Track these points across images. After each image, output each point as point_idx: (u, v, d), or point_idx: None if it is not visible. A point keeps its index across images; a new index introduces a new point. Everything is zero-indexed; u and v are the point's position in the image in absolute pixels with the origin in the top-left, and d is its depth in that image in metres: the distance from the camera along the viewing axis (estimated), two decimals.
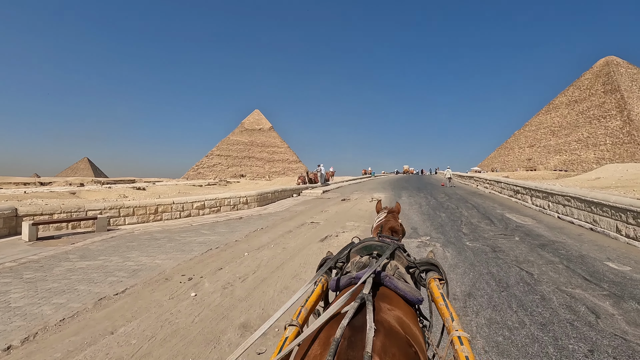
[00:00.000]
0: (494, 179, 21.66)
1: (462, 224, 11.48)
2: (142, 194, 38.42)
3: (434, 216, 13.22)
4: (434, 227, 11.15)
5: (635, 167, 32.70)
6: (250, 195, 17.99)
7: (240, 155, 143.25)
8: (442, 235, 9.87)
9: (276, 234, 10.96)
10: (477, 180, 27.37)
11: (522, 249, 8.07)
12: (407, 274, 2.08)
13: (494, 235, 9.70)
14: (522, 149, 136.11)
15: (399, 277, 1.94)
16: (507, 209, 14.35)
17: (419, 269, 2.19)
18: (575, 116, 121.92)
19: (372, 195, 23.17)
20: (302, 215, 15.07)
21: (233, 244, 9.54)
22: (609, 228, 8.83)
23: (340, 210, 16.20)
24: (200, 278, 6.66)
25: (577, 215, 10.45)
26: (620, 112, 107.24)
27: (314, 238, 10.14)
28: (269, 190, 20.13)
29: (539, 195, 13.57)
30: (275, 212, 16.31)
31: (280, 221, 13.55)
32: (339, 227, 11.69)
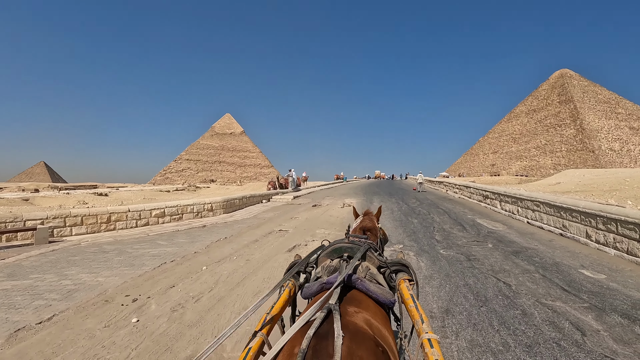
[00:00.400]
0: (463, 184, 21.91)
1: (435, 230, 11.20)
2: (103, 200, 36.07)
3: (406, 222, 12.91)
4: (407, 234, 10.79)
5: (590, 173, 34.67)
6: (215, 202, 16.98)
7: (211, 160, 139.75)
8: (415, 243, 9.50)
9: (240, 243, 10.16)
10: (446, 185, 27.72)
11: (497, 257, 7.80)
12: (379, 274, 2.03)
13: (467, 242, 9.44)
14: (486, 155, 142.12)
15: (371, 279, 1.91)
16: (477, 214, 14.32)
17: (390, 269, 2.13)
18: (534, 124, 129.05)
19: (343, 200, 22.76)
20: (271, 222, 14.32)
21: (191, 257, 8.66)
22: (578, 233, 8.80)
23: (310, 216, 15.59)
24: (147, 299, 5.80)
25: (547, 220, 10.45)
26: (573, 121, 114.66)
27: (281, 248, 9.45)
28: (236, 197, 19.19)
29: (507, 201, 13.63)
30: (242, 220, 15.43)
31: (247, 229, 12.73)
32: (308, 235, 11.06)
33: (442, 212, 15.19)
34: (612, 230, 7.52)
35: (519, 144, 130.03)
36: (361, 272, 1.94)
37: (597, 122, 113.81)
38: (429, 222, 12.84)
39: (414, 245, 9.17)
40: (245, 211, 18.50)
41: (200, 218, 16.01)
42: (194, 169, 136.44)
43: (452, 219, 13.40)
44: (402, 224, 12.54)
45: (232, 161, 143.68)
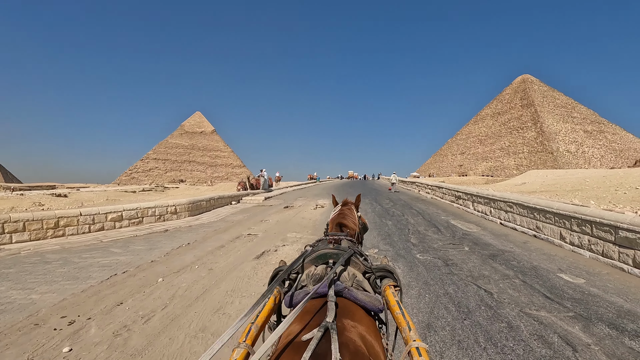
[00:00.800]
0: (435, 185, 22.00)
1: (410, 232, 10.90)
2: (62, 202, 33.91)
3: (381, 224, 12.56)
4: (382, 237, 10.40)
5: (552, 173, 36.30)
6: (180, 204, 15.93)
7: (180, 160, 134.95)
8: (391, 247, 9.11)
9: (204, 250, 9.36)
10: (419, 186, 27.87)
11: (474, 261, 7.53)
12: (364, 280, 1.98)
13: (443, 245, 9.17)
14: (454, 155, 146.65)
15: (358, 286, 1.88)
16: (451, 215, 14.24)
17: (375, 275, 2.07)
18: (498, 127, 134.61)
19: (316, 201, 22.24)
20: (239, 225, 13.52)
21: (147, 267, 7.79)
22: (552, 235, 8.74)
23: (281, 219, 14.93)
24: (86, 320, 4.97)
25: (520, 221, 10.41)
26: (534, 124, 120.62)
27: (248, 255, 8.75)
28: (203, 198, 18.16)
29: (480, 201, 13.63)
30: (209, 223, 14.52)
31: (213, 234, 11.89)
32: (278, 240, 10.42)
33: (416, 213, 15.02)
34: (586, 232, 7.45)
35: (485, 146, 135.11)
36: (347, 279, 1.89)
37: (555, 125, 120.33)
38: (403, 223, 12.55)
39: (389, 250, 8.76)
40: (213, 213, 17.53)
41: (163, 222, 14.92)
42: (162, 168, 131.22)
43: (427, 220, 13.21)
44: (376, 226, 12.17)
45: (202, 161, 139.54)
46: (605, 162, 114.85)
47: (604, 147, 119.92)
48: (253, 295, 5.87)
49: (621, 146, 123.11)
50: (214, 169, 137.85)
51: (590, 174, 31.89)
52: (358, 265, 2.06)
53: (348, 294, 1.75)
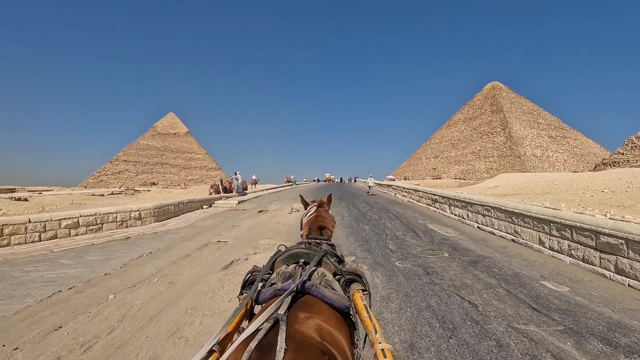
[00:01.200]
0: (412, 188, 21.94)
1: (388, 238, 10.52)
2: (21, 206, 31.78)
3: (358, 229, 12.13)
4: (359, 243, 9.96)
5: (522, 177, 37.51)
6: (145, 209, 14.88)
7: (152, 162, 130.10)
8: (369, 254, 8.67)
9: (168, 260, 8.56)
10: (395, 189, 27.83)
11: (455, 268, 7.20)
12: (334, 280, 1.97)
13: (422, 251, 8.83)
14: (428, 159, 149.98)
15: (326, 285, 1.88)
16: (428, 219, 14.03)
17: (345, 277, 2.09)
18: (470, 131, 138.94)
19: (292, 205, 21.61)
20: (209, 232, 12.71)
21: (98, 281, 6.94)
22: (531, 240, 8.59)
23: (254, 224, 14.22)
24: (12, 351, 4.17)
25: (498, 225, 10.27)
26: (503, 130, 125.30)
27: (216, 265, 8.05)
28: (171, 202, 17.13)
29: (457, 205, 13.49)
30: (176, 229, 13.60)
31: (179, 241, 11.05)
32: (250, 248, 9.76)
33: (394, 217, 14.72)
34: (566, 237, 7.30)
35: (457, 150, 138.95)
36: (317, 278, 1.90)
37: (523, 130, 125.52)
38: (381, 228, 12.18)
39: (367, 257, 8.31)
40: (182, 219, 16.55)
41: (125, 228, 13.84)
42: (133, 171, 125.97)
43: (404, 224, 12.91)
44: (353, 231, 11.73)
45: (175, 163, 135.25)
46: (568, 166, 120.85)
47: (567, 151, 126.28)
48: (217, 314, 5.23)
49: (582, 151, 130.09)
50: (188, 171, 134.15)
51: (558, 178, 33.10)
52: (329, 266, 2.08)
53: (315, 291, 1.74)
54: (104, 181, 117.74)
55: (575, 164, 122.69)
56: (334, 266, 2.10)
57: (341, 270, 2.11)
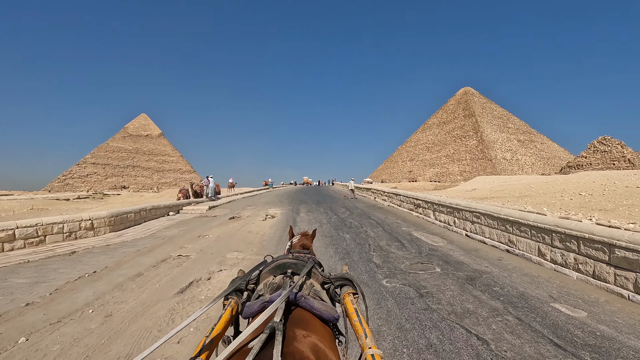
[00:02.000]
0: (392, 192, 21.12)
1: (371, 249, 9.49)
2: None
3: (338, 239, 11.05)
4: (340, 255, 8.87)
5: (498, 179, 37.91)
6: (98, 217, 13.17)
7: (123, 164, 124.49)
8: (351, 269, 7.58)
9: (113, 282, 7.14)
10: (374, 193, 26.99)
11: (452, 288, 6.23)
12: (322, 290, 1.94)
13: (411, 264, 7.85)
14: (404, 162, 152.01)
15: (315, 296, 1.84)
16: (412, 226, 13.15)
17: (334, 284, 2.04)
18: (444, 135, 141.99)
19: (266, 211, 20.30)
20: (170, 243, 11.25)
21: (15, 314, 5.48)
22: (529, 251, 7.80)
23: (224, 233, 12.86)
24: None
25: (489, 234, 9.47)
26: (475, 133, 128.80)
27: (170, 288, 6.72)
28: (131, 210, 15.44)
29: (443, 211, 12.69)
30: (133, 241, 12.03)
31: (133, 256, 9.57)
32: (215, 264, 8.46)
33: (375, 224, 13.75)
34: (572, 249, 6.51)
35: (432, 153, 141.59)
36: (305, 289, 1.84)
37: (493, 134, 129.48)
38: (362, 237, 11.15)
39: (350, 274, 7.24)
40: (143, 228, 14.90)
41: (74, 240, 12.13)
42: (102, 174, 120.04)
43: (387, 232, 11.95)
44: (332, 241, 10.64)
45: (148, 166, 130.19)
46: (536, 168, 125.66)
47: (534, 155, 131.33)
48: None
49: (548, 154, 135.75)
50: (161, 174, 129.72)
51: (533, 181, 33.52)
52: (316, 276, 2.05)
53: (304, 303, 1.72)
54: (70, 185, 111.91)
55: (542, 167, 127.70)
56: (321, 275, 2.07)
57: (329, 278, 2.07)
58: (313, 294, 1.85)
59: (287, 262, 2.07)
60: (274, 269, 2.04)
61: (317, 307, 1.72)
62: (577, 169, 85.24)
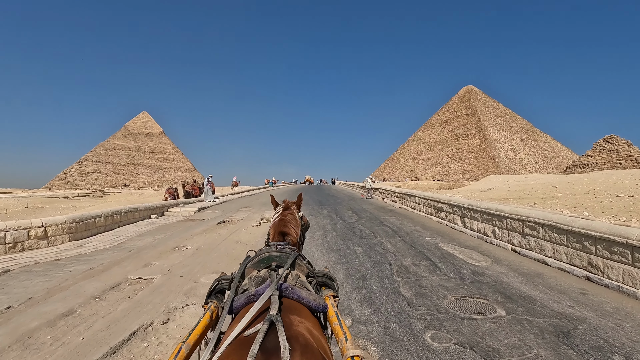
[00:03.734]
0: (405, 193, 18.68)
1: (394, 270, 7.12)
2: None
3: (347, 254, 8.67)
4: (353, 282, 6.50)
5: (512, 179, 35.45)
6: (54, 224, 10.82)
7: (124, 162, 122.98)
8: (372, 308, 5.22)
9: (19, 330, 4.78)
10: (383, 193, 24.53)
11: (542, 355, 3.86)
12: (307, 282, 1.94)
13: (457, 300, 5.49)
14: (406, 161, 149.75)
15: (302, 286, 1.83)
16: (437, 236, 10.74)
17: (317, 279, 2.06)
18: (446, 134, 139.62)
19: (262, 213, 17.93)
20: (135, 259, 8.88)
21: None
22: (630, 282, 5.41)
23: (206, 243, 10.49)
24: None
25: (554, 252, 7.09)
26: (478, 132, 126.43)
27: (101, 341, 4.37)
28: (100, 213, 13.05)
29: (475, 217, 10.29)
30: (92, 254, 9.68)
31: (79, 278, 7.22)
32: (181, 294, 6.11)
33: (391, 232, 11.35)
34: None
35: (434, 151, 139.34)
36: (291, 280, 1.84)
37: (496, 133, 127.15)
38: (379, 252, 8.77)
39: (371, 319, 4.85)
40: (113, 235, 12.54)
41: (18, 252, 9.78)
42: (103, 172, 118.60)
43: (409, 244, 9.56)
44: (341, 258, 8.27)
45: (149, 164, 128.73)
46: (539, 168, 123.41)
47: (538, 154, 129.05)
48: None
49: (551, 153, 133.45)
50: (162, 172, 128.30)
51: (552, 180, 31.09)
52: (302, 267, 2.04)
53: (292, 293, 1.69)
54: (70, 182, 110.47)
55: (546, 166, 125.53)
56: (306, 267, 2.07)
57: (313, 272, 2.07)
58: (300, 284, 1.83)
59: (271, 255, 2.04)
60: (258, 262, 2.02)
61: (305, 297, 1.70)
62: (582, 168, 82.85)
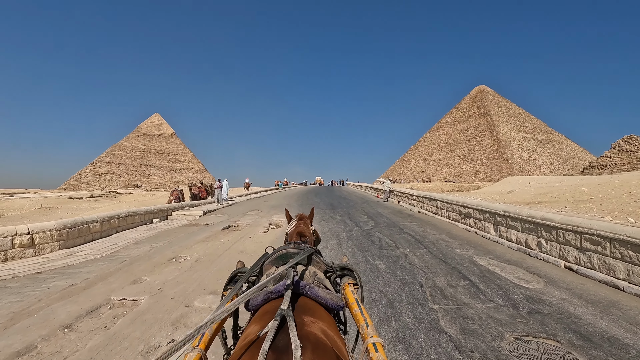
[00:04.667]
0: (424, 195, 17.28)
1: (427, 294, 5.85)
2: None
3: (368, 271, 7.41)
4: (378, 311, 5.25)
5: (533, 180, 33.64)
6: (42, 230, 9.84)
7: (136, 163, 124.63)
8: (408, 354, 3.98)
9: None
10: (398, 195, 23.14)
11: None
12: (326, 279, 1.94)
13: (518, 341, 4.21)
14: (417, 162, 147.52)
15: (319, 284, 1.81)
16: (468, 246, 9.40)
17: (336, 273, 2.06)
18: (458, 134, 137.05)
19: (271, 217, 16.81)
20: (124, 273, 7.78)
21: None
22: None
23: (207, 253, 9.37)
24: None
25: (627, 272, 5.72)
26: (491, 133, 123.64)
27: None
28: (94, 218, 12.04)
29: (514, 225, 8.92)
30: (81, 265, 8.64)
31: (55, 298, 6.15)
32: (168, 324, 4.96)
33: (414, 242, 10.05)
34: None
35: (446, 152, 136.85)
36: (309, 277, 1.83)
37: (510, 134, 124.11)
38: (405, 268, 7.50)
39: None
40: (108, 242, 11.53)
41: (1, 263, 8.81)
42: (116, 173, 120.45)
43: (438, 258, 8.26)
44: (363, 277, 7.05)
45: (160, 165, 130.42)
46: (554, 169, 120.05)
47: (552, 155, 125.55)
48: None
49: (567, 154, 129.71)
50: (174, 173, 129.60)
51: (578, 182, 29.18)
52: (319, 264, 2.04)
53: (309, 291, 1.67)
54: (85, 183, 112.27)
55: (561, 167, 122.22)
56: (323, 264, 2.07)
57: (332, 267, 2.08)
58: (317, 282, 1.81)
59: (289, 252, 2.04)
60: (276, 259, 2.02)
61: (321, 295, 1.69)
62: (600, 169, 79.83)
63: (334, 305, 1.67)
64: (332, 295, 1.72)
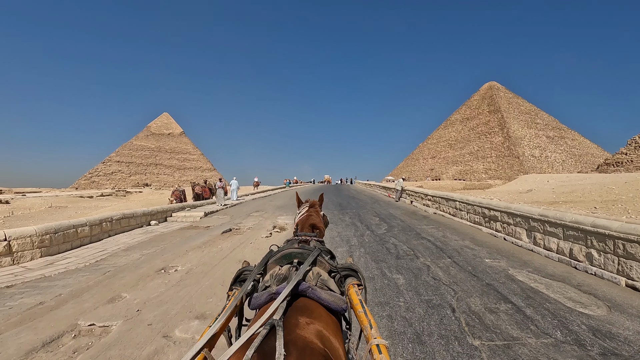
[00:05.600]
0: (440, 195, 15.98)
1: (463, 324, 4.69)
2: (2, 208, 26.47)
3: (385, 288, 6.25)
4: (402, 346, 4.10)
5: (552, 178, 31.96)
6: (21, 236, 8.89)
7: (146, 162, 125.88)
8: None
9: None
10: (411, 195, 21.83)
11: None
12: (330, 279, 1.91)
13: None
14: (425, 160, 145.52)
15: (322, 286, 1.81)
16: (500, 257, 8.15)
17: (340, 274, 2.04)
18: (467, 132, 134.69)
19: (275, 219, 15.72)
20: (104, 287, 6.74)
21: None
22: None
23: (200, 263, 8.30)
24: None
25: None
26: (501, 130, 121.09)
27: None
28: (82, 222, 11.08)
29: (554, 232, 7.66)
30: (57, 276, 7.65)
31: (14, 323, 5.14)
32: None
33: (435, 250, 8.85)
34: None
35: (455, 150, 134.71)
36: (312, 278, 1.82)
37: (521, 130, 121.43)
38: (429, 285, 6.32)
39: None
40: (98, 247, 10.56)
41: None
42: (126, 172, 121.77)
43: (466, 270, 7.06)
44: (376, 294, 5.86)
45: (170, 164, 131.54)
46: (567, 166, 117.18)
47: (565, 152, 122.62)
48: None
49: (580, 151, 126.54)
50: (182, 172, 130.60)
51: (602, 180, 27.48)
52: (323, 264, 2.00)
53: (312, 294, 1.69)
54: (95, 182, 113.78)
55: (574, 164, 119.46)
56: (328, 264, 2.03)
57: (336, 267, 2.05)
58: (320, 283, 1.80)
59: (293, 252, 2.06)
60: (280, 259, 2.03)
61: (324, 297, 1.69)
62: (616, 166, 77.47)
63: (337, 307, 1.69)
64: (335, 297, 1.72)
